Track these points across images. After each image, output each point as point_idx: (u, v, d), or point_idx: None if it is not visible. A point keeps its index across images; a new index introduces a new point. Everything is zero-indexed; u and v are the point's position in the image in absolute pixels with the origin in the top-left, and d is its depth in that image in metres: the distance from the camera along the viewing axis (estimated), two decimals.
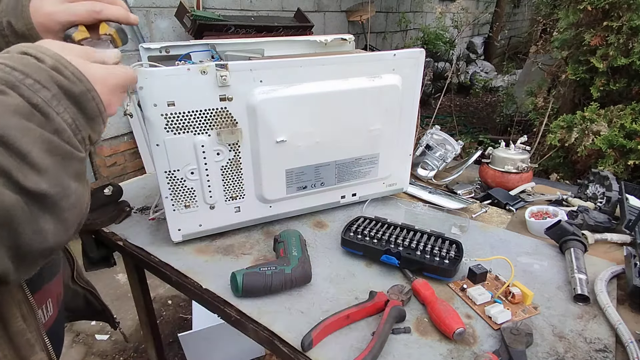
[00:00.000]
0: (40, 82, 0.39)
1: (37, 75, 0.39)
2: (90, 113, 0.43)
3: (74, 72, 0.41)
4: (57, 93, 0.40)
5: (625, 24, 2.09)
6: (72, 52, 0.44)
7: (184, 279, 0.82)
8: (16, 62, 0.38)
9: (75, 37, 0.57)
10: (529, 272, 0.83)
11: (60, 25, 0.56)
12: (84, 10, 0.57)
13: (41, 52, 0.40)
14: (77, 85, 0.41)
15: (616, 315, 0.68)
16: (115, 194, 1.00)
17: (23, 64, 0.39)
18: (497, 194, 1.13)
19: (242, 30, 2.94)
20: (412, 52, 0.92)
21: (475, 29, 7.73)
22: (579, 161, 2.34)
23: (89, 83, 0.43)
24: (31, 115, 0.37)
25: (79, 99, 0.42)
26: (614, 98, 2.31)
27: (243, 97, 0.81)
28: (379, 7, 5.17)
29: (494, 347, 0.65)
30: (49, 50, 0.41)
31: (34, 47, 0.41)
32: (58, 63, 0.40)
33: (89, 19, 0.57)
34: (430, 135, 1.35)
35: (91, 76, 0.43)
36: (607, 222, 0.95)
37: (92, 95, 0.43)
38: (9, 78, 0.37)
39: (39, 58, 0.40)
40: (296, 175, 0.93)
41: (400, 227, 0.89)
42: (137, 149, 2.98)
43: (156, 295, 2.26)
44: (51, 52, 0.41)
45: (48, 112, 0.39)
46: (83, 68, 0.43)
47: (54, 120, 0.39)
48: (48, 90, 0.39)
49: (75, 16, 0.56)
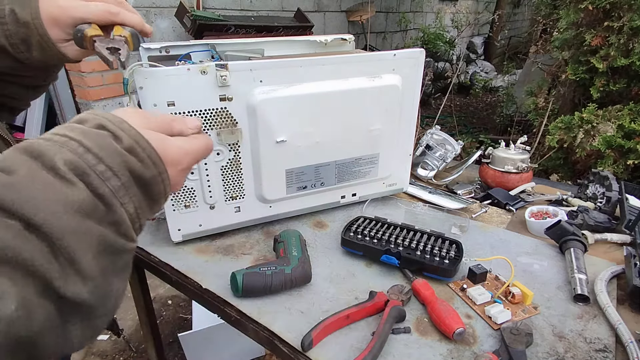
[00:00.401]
0: (112, 168, 0.34)
1: (111, 159, 0.34)
2: (155, 196, 0.39)
3: (150, 155, 0.37)
4: (127, 181, 0.35)
5: (626, 24, 2.09)
6: (151, 123, 0.40)
7: (184, 279, 0.82)
8: (92, 141, 0.34)
9: (87, 33, 0.55)
10: (529, 272, 0.83)
11: (73, 20, 0.55)
12: (101, 10, 0.56)
13: (120, 128, 0.36)
14: (150, 169, 0.37)
15: (616, 315, 0.68)
16: None
17: (99, 145, 0.34)
18: (497, 194, 1.13)
19: (242, 30, 2.94)
20: (412, 52, 0.92)
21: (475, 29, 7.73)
22: (578, 161, 2.34)
23: (162, 166, 0.38)
24: (93, 211, 0.33)
25: (148, 184, 0.37)
26: (614, 98, 2.31)
27: (243, 97, 0.81)
28: (379, 7, 5.17)
29: (494, 347, 0.65)
30: (128, 126, 0.37)
31: (112, 121, 0.36)
32: (135, 143, 0.36)
33: (103, 20, 0.56)
34: (430, 135, 1.35)
35: (167, 157, 0.39)
36: (607, 222, 0.95)
37: (162, 178, 0.38)
38: (80, 164, 0.33)
39: (117, 136, 0.36)
40: (296, 175, 0.93)
41: (400, 227, 0.89)
42: None
43: (156, 295, 2.26)
44: (130, 128, 0.37)
45: (112, 203, 0.34)
46: (161, 148, 0.38)
47: (115, 212, 0.34)
48: (118, 179, 0.34)
49: (91, 14, 0.55)
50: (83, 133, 0.34)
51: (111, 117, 0.37)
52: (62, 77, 2.70)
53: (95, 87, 2.68)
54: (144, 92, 0.74)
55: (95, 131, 0.35)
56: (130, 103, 0.81)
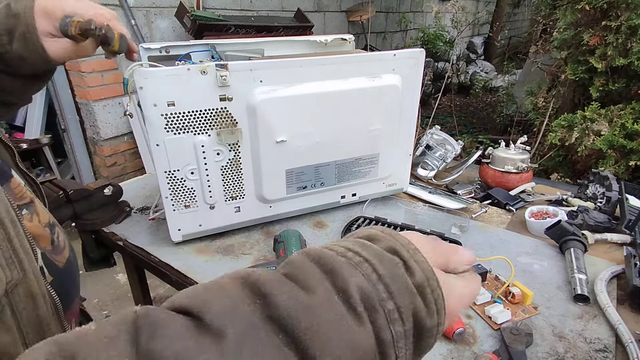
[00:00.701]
0: (400, 309, 0.28)
1: (401, 297, 0.29)
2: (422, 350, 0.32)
3: (437, 300, 0.31)
4: (409, 328, 0.29)
5: (623, 24, 2.09)
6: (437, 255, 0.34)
7: (184, 279, 0.82)
8: (385, 267, 0.29)
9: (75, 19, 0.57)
10: (529, 272, 0.83)
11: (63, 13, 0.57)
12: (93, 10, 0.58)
13: (414, 259, 0.31)
14: (432, 318, 0.30)
15: (616, 315, 0.68)
16: (115, 194, 1.00)
17: (392, 274, 0.29)
18: (497, 194, 1.13)
19: (242, 30, 2.94)
20: (412, 52, 0.92)
21: (475, 29, 7.73)
22: (579, 161, 2.34)
23: (443, 315, 0.31)
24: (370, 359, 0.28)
25: (424, 335, 0.30)
26: (614, 98, 2.31)
27: (243, 97, 0.81)
28: (379, 7, 5.17)
29: (494, 347, 0.65)
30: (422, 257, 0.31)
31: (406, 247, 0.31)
32: (426, 282, 0.30)
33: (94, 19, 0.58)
34: (430, 135, 1.35)
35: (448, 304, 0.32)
36: (607, 222, 0.95)
37: (438, 330, 0.31)
38: (371, 295, 0.28)
39: (410, 267, 0.30)
40: (296, 175, 0.93)
41: (400, 227, 0.89)
42: (137, 149, 2.98)
43: (156, 295, 2.25)
44: (424, 261, 0.31)
45: (388, 353, 0.28)
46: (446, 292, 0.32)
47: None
48: (403, 325, 0.29)
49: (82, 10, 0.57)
50: (377, 256, 0.30)
51: (404, 240, 0.32)
52: (62, 77, 2.70)
53: (95, 87, 2.68)
54: (144, 92, 0.73)
55: (389, 256, 0.30)
56: (130, 103, 0.81)
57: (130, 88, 0.76)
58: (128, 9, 2.66)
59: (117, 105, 2.81)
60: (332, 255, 0.30)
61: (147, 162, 2.93)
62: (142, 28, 2.79)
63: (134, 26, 2.71)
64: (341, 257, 0.30)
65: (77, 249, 1.00)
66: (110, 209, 1.00)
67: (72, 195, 0.90)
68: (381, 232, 0.33)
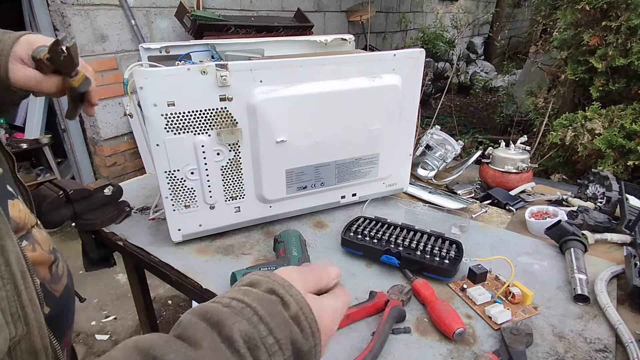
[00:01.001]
0: (279, 342, 0.34)
1: (279, 331, 0.34)
2: None
3: (311, 325, 0.36)
4: (289, 356, 0.34)
5: (623, 24, 2.09)
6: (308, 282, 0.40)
7: (184, 279, 0.82)
8: (264, 308, 0.34)
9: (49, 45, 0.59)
10: (529, 272, 0.83)
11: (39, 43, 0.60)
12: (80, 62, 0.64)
13: (289, 293, 0.36)
14: (308, 341, 0.36)
15: (616, 315, 0.68)
16: (115, 194, 1.00)
17: (270, 313, 0.34)
18: (497, 194, 1.13)
19: (242, 30, 2.94)
20: (412, 52, 0.92)
21: (475, 29, 7.73)
22: (579, 161, 2.34)
23: (319, 336, 0.37)
24: None
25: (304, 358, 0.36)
26: (614, 98, 2.31)
27: (243, 97, 0.81)
28: (379, 7, 5.17)
29: (494, 347, 0.65)
30: (295, 290, 0.37)
31: (282, 285, 0.37)
32: (300, 311, 0.36)
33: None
34: (430, 135, 1.35)
35: (323, 324, 0.38)
36: (607, 222, 0.95)
37: (316, 350, 0.37)
38: (253, 334, 0.33)
39: (286, 302, 0.36)
40: (296, 175, 0.93)
41: (400, 227, 0.89)
42: (137, 149, 2.98)
43: (156, 295, 2.26)
44: (297, 293, 0.37)
45: None
46: (319, 314, 0.37)
47: None
48: (282, 354, 0.34)
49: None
50: (258, 299, 0.35)
51: (280, 279, 0.37)
52: None
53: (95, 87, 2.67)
54: (144, 92, 0.73)
55: (267, 297, 0.36)
56: (131, 103, 0.81)
57: (130, 88, 0.76)
58: (128, 9, 2.66)
59: (117, 105, 2.81)
60: (217, 308, 0.34)
61: (147, 162, 2.93)
62: (142, 28, 2.79)
63: (134, 26, 2.71)
64: (225, 308, 0.34)
65: (77, 249, 1.00)
66: (110, 209, 1.00)
67: (72, 195, 0.90)
68: (261, 277, 0.38)
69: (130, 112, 0.82)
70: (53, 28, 2.54)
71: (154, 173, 1.22)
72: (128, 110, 0.82)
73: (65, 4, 2.41)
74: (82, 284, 2.26)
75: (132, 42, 2.77)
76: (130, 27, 2.72)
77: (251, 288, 0.37)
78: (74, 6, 2.45)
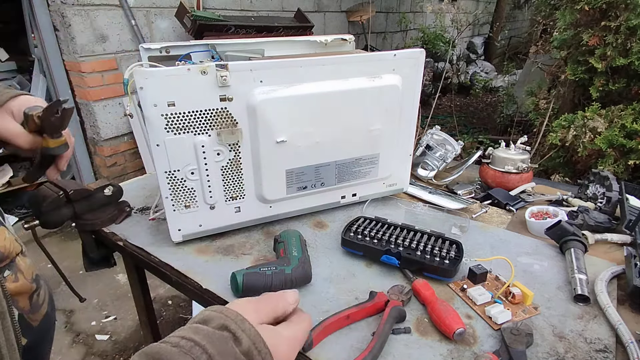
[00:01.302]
0: None
1: None
2: None
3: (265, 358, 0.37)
4: None
5: (623, 24, 2.09)
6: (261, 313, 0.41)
7: (184, 279, 0.82)
8: (214, 346, 0.34)
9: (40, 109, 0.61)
10: (529, 272, 0.83)
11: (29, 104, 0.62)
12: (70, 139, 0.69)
13: (241, 328, 0.37)
14: None
15: (616, 316, 0.68)
16: (115, 194, 1.00)
17: (220, 351, 0.34)
18: (497, 194, 1.13)
19: (242, 31, 2.94)
20: (412, 52, 0.92)
21: (475, 29, 7.73)
22: (579, 161, 2.34)
23: None
24: None
25: None
26: (614, 98, 2.31)
27: (243, 97, 0.81)
28: (379, 7, 5.17)
29: (494, 347, 0.65)
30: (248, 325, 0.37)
31: (235, 320, 0.37)
32: (252, 346, 0.36)
33: None
34: (431, 135, 1.35)
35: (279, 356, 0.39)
36: (607, 222, 0.95)
37: None
38: None
39: (237, 338, 0.36)
40: (296, 176, 0.93)
41: (401, 227, 0.89)
42: (137, 149, 2.98)
43: (156, 295, 2.26)
44: (250, 328, 0.37)
45: None
46: (274, 346, 0.38)
47: None
48: None
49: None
50: (208, 337, 0.35)
51: (233, 314, 0.38)
52: (62, 77, 2.70)
53: (95, 87, 2.68)
54: (144, 92, 0.73)
55: (218, 333, 0.36)
56: (131, 103, 0.81)
57: (131, 88, 0.76)
58: (128, 9, 2.66)
59: (117, 105, 2.81)
60: (165, 348, 0.34)
61: (147, 162, 2.94)
62: (142, 28, 2.79)
63: (134, 26, 2.71)
64: (174, 348, 0.34)
65: (77, 249, 1.00)
66: (111, 209, 1.00)
67: (72, 195, 0.90)
68: (214, 312, 0.38)
69: (131, 112, 0.82)
70: (53, 28, 2.55)
71: (154, 173, 1.22)
72: (128, 111, 0.82)
73: (65, 4, 2.42)
74: (82, 284, 2.26)
75: (132, 42, 2.77)
76: (130, 27, 2.72)
77: (202, 325, 0.36)
78: (74, 6, 2.45)
